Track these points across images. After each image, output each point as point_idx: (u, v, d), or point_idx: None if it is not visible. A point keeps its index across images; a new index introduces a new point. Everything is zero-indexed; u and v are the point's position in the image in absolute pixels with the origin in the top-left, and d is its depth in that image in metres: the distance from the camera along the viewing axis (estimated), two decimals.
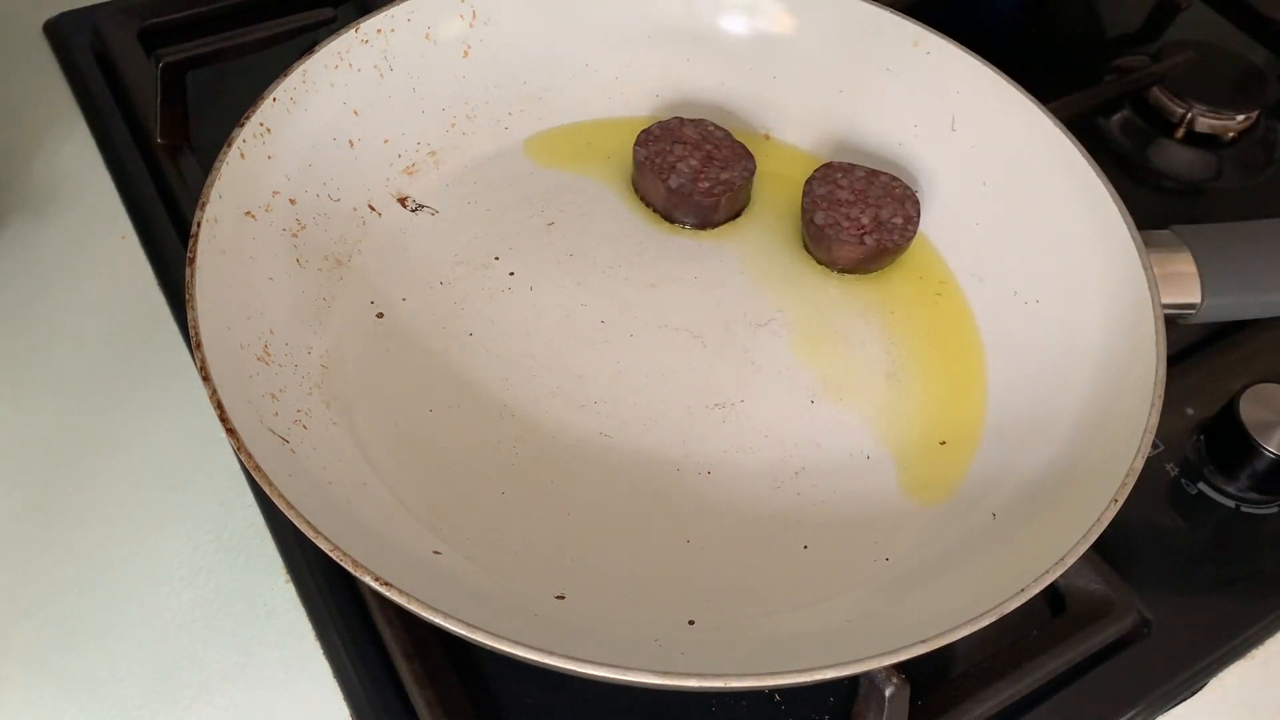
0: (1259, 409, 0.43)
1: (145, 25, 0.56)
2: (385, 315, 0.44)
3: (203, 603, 0.38)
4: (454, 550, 0.37)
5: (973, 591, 0.32)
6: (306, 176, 0.44)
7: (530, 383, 0.42)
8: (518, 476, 0.40)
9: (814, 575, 0.38)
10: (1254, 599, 0.42)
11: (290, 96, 0.43)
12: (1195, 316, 0.43)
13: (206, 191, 0.39)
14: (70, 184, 0.50)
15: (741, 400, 0.43)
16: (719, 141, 0.48)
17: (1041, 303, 0.44)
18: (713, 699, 0.37)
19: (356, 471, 0.38)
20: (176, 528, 0.39)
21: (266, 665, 0.37)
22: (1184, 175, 0.58)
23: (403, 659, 0.35)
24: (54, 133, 0.52)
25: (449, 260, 0.46)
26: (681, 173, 0.47)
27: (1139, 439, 0.35)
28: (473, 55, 0.50)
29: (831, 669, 0.29)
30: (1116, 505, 0.33)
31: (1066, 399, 0.40)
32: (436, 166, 0.49)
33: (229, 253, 0.39)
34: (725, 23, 0.52)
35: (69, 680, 0.36)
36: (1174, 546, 0.43)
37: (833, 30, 0.51)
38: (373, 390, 0.41)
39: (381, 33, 0.46)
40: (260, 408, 0.36)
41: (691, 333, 0.45)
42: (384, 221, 0.47)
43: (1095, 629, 0.39)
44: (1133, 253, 0.41)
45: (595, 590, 0.37)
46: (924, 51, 0.49)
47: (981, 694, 0.37)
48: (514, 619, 0.34)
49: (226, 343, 0.37)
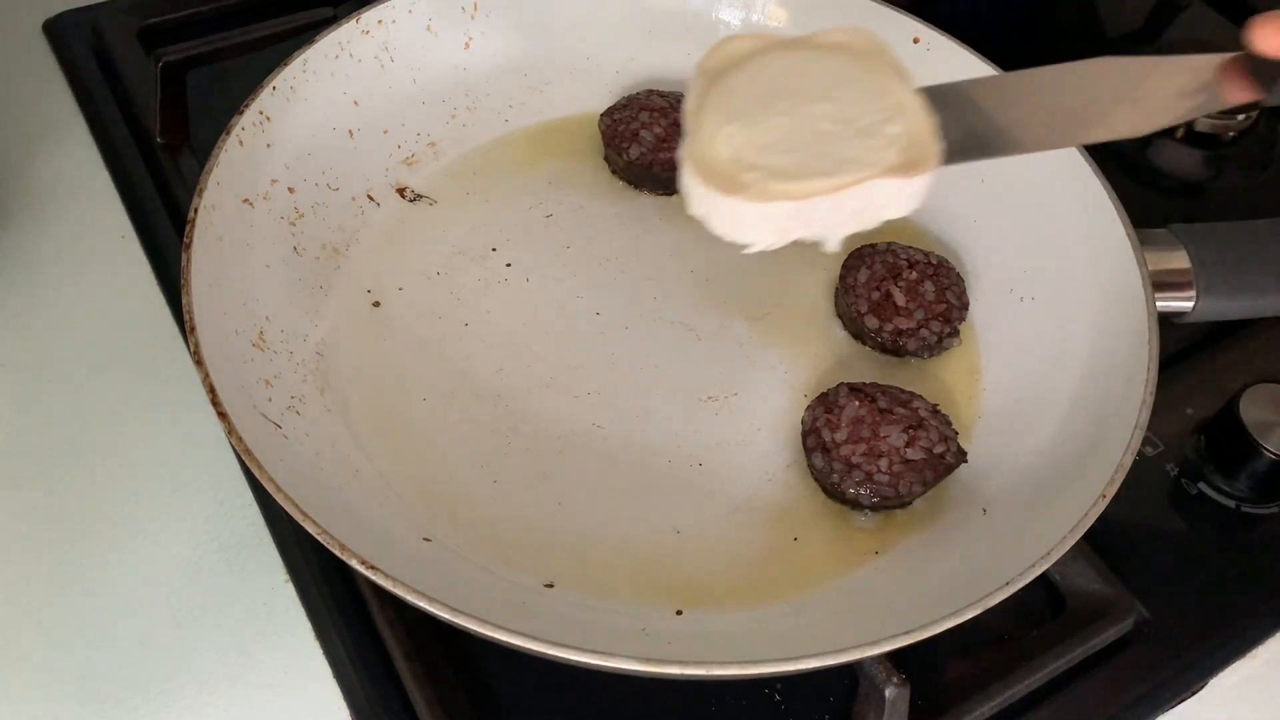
0: (1259, 409, 0.43)
1: (145, 25, 0.56)
2: (382, 304, 0.44)
3: (203, 603, 0.38)
4: (444, 537, 0.37)
5: (961, 584, 0.32)
6: (305, 165, 0.44)
7: (524, 373, 0.42)
8: (510, 466, 0.40)
9: (803, 567, 0.38)
10: (1254, 599, 0.41)
11: (290, 86, 0.43)
12: (1191, 315, 0.43)
13: (204, 178, 0.39)
14: (70, 184, 0.50)
15: (734, 393, 0.43)
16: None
17: (1037, 299, 0.44)
18: (712, 699, 0.37)
19: (349, 458, 0.38)
20: (176, 528, 0.40)
21: (266, 665, 0.37)
22: (1184, 175, 0.58)
23: (402, 659, 0.35)
24: (54, 133, 0.52)
25: (446, 251, 0.46)
26: (643, 141, 0.47)
27: (1129, 435, 0.35)
28: (473, 47, 0.50)
29: (816, 658, 0.29)
30: (1105, 500, 0.33)
31: (1059, 395, 0.40)
32: (436, 157, 0.49)
33: (226, 239, 0.39)
34: (725, 17, 0.52)
35: (69, 680, 0.36)
36: (1174, 546, 0.43)
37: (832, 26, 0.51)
38: (367, 378, 0.41)
39: (383, 24, 0.47)
40: (253, 393, 0.36)
41: (686, 326, 0.45)
42: (382, 211, 0.47)
43: (1095, 629, 0.38)
44: (1128, 250, 0.40)
45: (584, 579, 0.37)
46: (924, 48, 0.49)
47: (981, 694, 0.37)
48: (502, 606, 0.34)
49: (221, 328, 0.37)
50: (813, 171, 0.28)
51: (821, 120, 0.29)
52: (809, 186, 0.28)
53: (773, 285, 0.46)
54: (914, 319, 0.43)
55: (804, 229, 0.30)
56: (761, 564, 0.38)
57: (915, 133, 0.29)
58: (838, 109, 0.29)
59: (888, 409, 0.39)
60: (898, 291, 0.43)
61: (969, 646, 0.38)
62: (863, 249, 0.45)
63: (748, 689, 0.37)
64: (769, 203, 0.28)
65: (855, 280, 0.44)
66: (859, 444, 0.38)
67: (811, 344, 0.45)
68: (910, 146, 0.28)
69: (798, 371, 0.44)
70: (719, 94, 0.30)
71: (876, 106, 0.29)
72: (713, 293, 0.46)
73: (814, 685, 0.37)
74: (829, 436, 0.39)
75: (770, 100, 0.29)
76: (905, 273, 0.44)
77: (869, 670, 0.34)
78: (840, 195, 0.28)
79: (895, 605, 0.34)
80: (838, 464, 0.38)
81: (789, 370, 0.44)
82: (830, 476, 0.38)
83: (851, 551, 0.38)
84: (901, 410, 0.39)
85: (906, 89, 0.30)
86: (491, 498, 0.39)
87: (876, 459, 0.38)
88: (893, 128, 0.28)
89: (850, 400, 0.39)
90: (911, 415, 0.39)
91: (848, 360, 0.44)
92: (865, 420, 0.39)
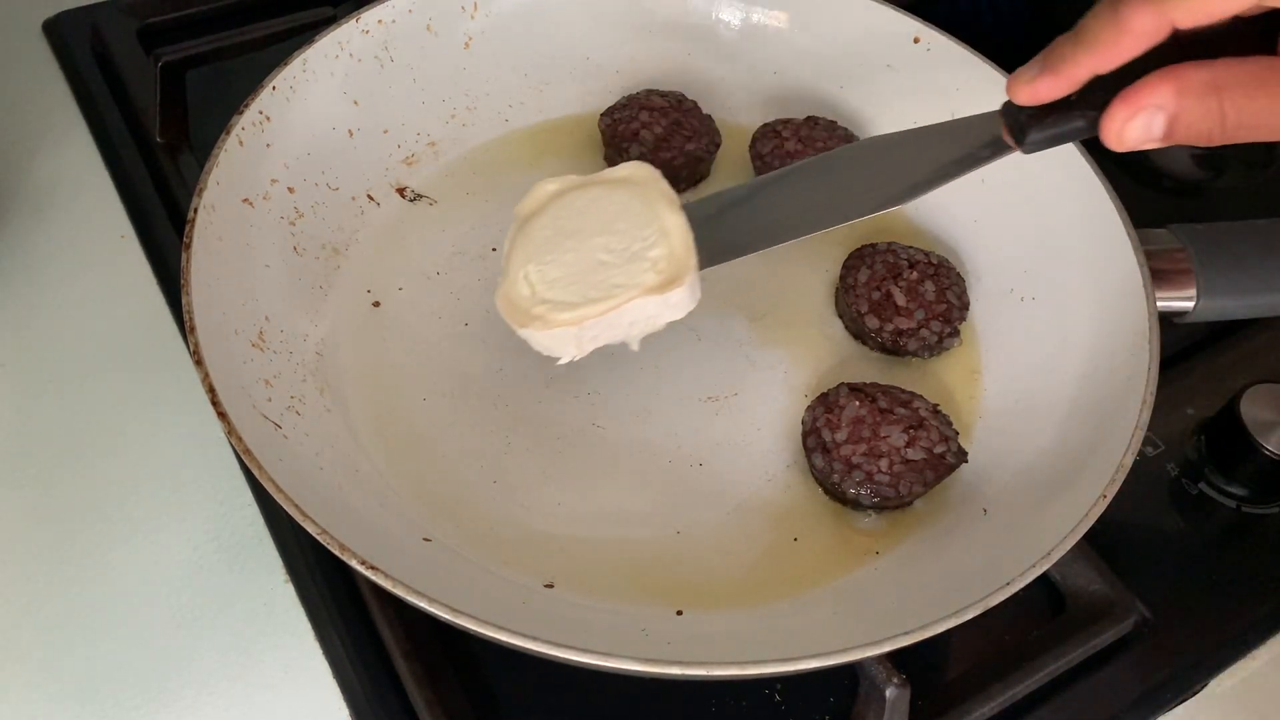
0: (1259, 409, 0.43)
1: (144, 24, 0.56)
2: (381, 304, 0.44)
3: (203, 603, 0.38)
4: (444, 537, 0.37)
5: (961, 584, 0.32)
6: (305, 165, 0.44)
7: (524, 373, 0.42)
8: (510, 466, 0.40)
9: (803, 567, 0.38)
10: (1254, 599, 0.41)
11: (290, 85, 0.43)
12: (1192, 315, 0.43)
13: (204, 178, 0.39)
14: (70, 183, 0.50)
15: (735, 393, 0.43)
16: (688, 110, 0.49)
17: (1037, 299, 0.44)
18: (712, 699, 0.37)
19: (348, 458, 0.38)
20: (176, 528, 0.40)
21: (266, 665, 0.37)
22: (1184, 175, 0.58)
23: (402, 659, 0.35)
24: (54, 132, 0.52)
25: (446, 251, 0.46)
26: (643, 141, 0.47)
27: (1130, 435, 0.35)
28: (474, 47, 0.50)
29: (816, 658, 0.29)
30: (1105, 501, 0.33)
31: (1059, 395, 0.40)
32: (436, 157, 0.49)
33: (226, 239, 0.39)
34: (725, 17, 0.52)
35: (69, 680, 0.36)
36: (1174, 546, 0.43)
37: (833, 26, 0.51)
38: (367, 378, 0.41)
39: (383, 23, 0.47)
40: (253, 393, 0.36)
41: (686, 326, 0.44)
42: (382, 211, 0.47)
43: (1095, 629, 0.39)
44: (1128, 250, 0.40)
45: (584, 580, 0.37)
46: (924, 48, 0.49)
47: (981, 694, 0.37)
48: (502, 606, 0.34)
49: (221, 328, 0.37)
50: (587, 299, 0.35)
51: (600, 251, 0.35)
52: (583, 313, 0.35)
53: (773, 285, 0.46)
54: (914, 319, 0.43)
55: (594, 342, 0.36)
56: (761, 564, 0.38)
57: (674, 253, 0.35)
58: (614, 240, 0.35)
59: (888, 409, 0.39)
60: (898, 291, 0.43)
61: (969, 646, 0.38)
62: (863, 249, 0.45)
63: (748, 689, 0.37)
64: (553, 330, 0.35)
65: (855, 280, 0.44)
66: (859, 444, 0.38)
67: (812, 344, 0.45)
68: (668, 267, 0.35)
69: (798, 371, 0.44)
70: (524, 238, 0.36)
71: (645, 234, 0.35)
72: (713, 293, 0.46)
73: (814, 685, 0.37)
74: (829, 436, 0.39)
75: (561, 239, 0.36)
76: (905, 273, 0.44)
77: (869, 670, 0.34)
78: (610, 315, 0.35)
79: (895, 605, 0.34)
80: (838, 464, 0.38)
81: (789, 370, 0.44)
82: (830, 476, 0.38)
83: (851, 551, 0.38)
84: (902, 410, 0.39)
85: (672, 212, 0.36)
86: (491, 498, 0.39)
87: (877, 459, 0.38)
88: (655, 251, 0.35)
89: (850, 400, 0.39)
90: (912, 415, 0.39)
91: (848, 360, 0.44)
92: (865, 420, 0.39)
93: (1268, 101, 0.28)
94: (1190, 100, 0.28)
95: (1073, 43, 0.30)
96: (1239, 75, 0.28)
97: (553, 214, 0.36)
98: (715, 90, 0.52)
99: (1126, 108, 0.29)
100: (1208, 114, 0.28)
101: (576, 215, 0.36)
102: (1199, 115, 0.28)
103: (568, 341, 0.36)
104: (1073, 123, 0.31)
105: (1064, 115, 0.31)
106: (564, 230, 0.36)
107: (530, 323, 0.35)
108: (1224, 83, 0.28)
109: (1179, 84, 0.28)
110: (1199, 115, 0.28)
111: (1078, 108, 0.31)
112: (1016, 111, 0.32)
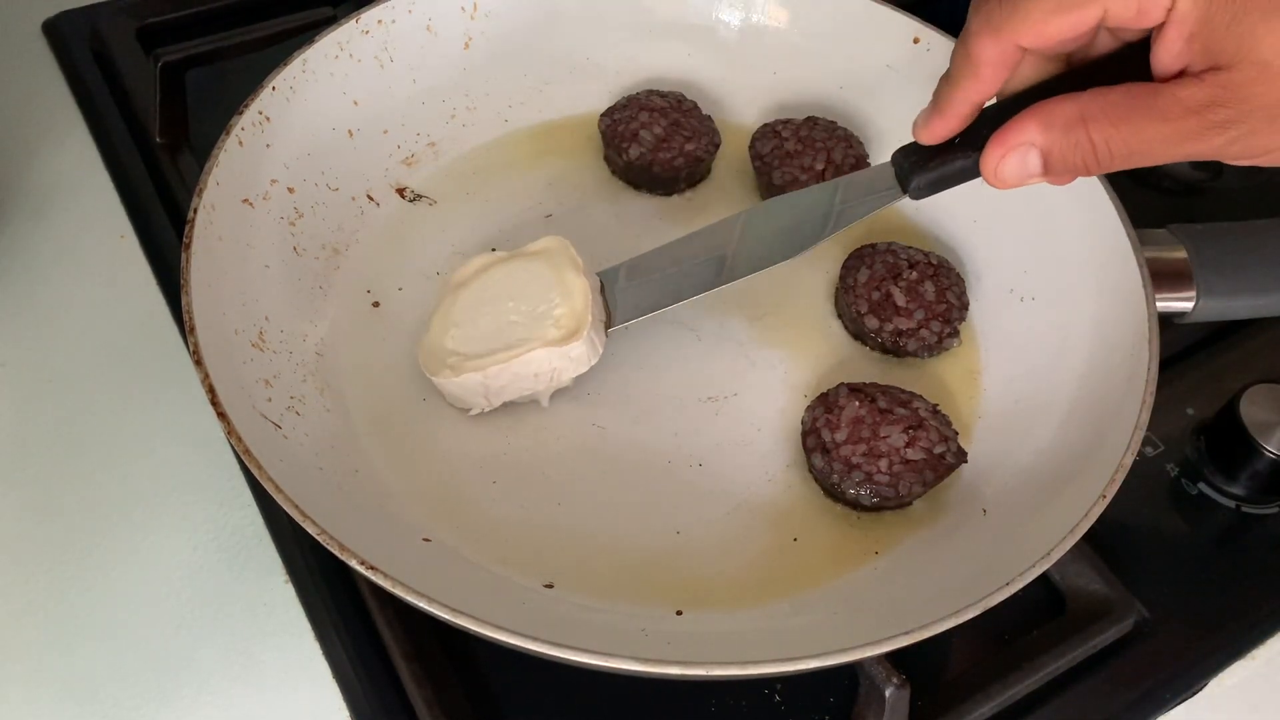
0: (1259, 409, 0.43)
1: (144, 25, 0.56)
2: (381, 304, 0.44)
3: (203, 603, 0.38)
4: (444, 537, 0.37)
5: (961, 585, 0.32)
6: (305, 165, 0.44)
7: None
8: (509, 466, 0.40)
9: (803, 567, 0.38)
10: (1254, 599, 0.41)
11: (290, 86, 0.43)
12: (1191, 315, 0.43)
13: (204, 178, 0.39)
14: (70, 184, 0.50)
15: (735, 393, 0.43)
16: (688, 111, 0.49)
17: (1037, 300, 0.44)
18: (712, 699, 0.37)
19: (348, 458, 0.38)
20: (176, 528, 0.40)
21: (266, 665, 0.37)
22: (1184, 175, 0.58)
23: (402, 659, 0.36)
24: (53, 132, 0.52)
25: (446, 251, 0.46)
26: (643, 141, 0.47)
27: (1129, 435, 0.35)
28: (473, 47, 0.50)
29: (816, 658, 0.29)
30: (1105, 501, 0.33)
31: (1059, 395, 0.40)
32: (436, 157, 0.49)
33: (226, 239, 0.39)
34: (725, 17, 0.52)
35: (69, 680, 0.36)
36: (1174, 546, 0.43)
37: (832, 26, 0.51)
38: (367, 378, 0.41)
39: (383, 24, 0.47)
40: (253, 393, 0.36)
41: (686, 326, 0.45)
42: (382, 211, 0.47)
43: (1095, 629, 0.39)
44: (1128, 250, 0.40)
45: (584, 580, 0.37)
46: (924, 48, 0.49)
47: (981, 694, 0.37)
48: (501, 606, 0.34)
49: (221, 328, 0.37)
50: (493, 351, 0.39)
51: (511, 314, 0.40)
52: (488, 361, 0.39)
53: (773, 285, 0.46)
54: (914, 319, 0.43)
55: (501, 395, 0.40)
56: (761, 564, 0.38)
57: (574, 311, 0.39)
58: (523, 303, 0.40)
59: (888, 409, 0.39)
60: (898, 291, 0.43)
61: (969, 646, 0.38)
62: (863, 249, 0.45)
63: (748, 689, 0.37)
64: (461, 376, 0.39)
65: (855, 280, 0.44)
66: (859, 444, 0.38)
67: (811, 344, 0.45)
68: (569, 323, 0.39)
69: (798, 371, 0.44)
70: (451, 303, 0.41)
71: (551, 296, 0.40)
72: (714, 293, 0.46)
73: (814, 685, 0.37)
74: (829, 437, 0.39)
75: (481, 305, 0.40)
76: (905, 273, 0.44)
77: (869, 670, 0.34)
78: (512, 364, 0.38)
79: (895, 605, 0.34)
80: (838, 464, 0.38)
81: (789, 370, 0.44)
82: (830, 477, 0.38)
83: (851, 551, 0.38)
84: (901, 410, 0.39)
85: (577, 275, 0.40)
86: (491, 498, 0.39)
87: (876, 459, 0.38)
88: (559, 310, 0.39)
89: (850, 400, 0.39)
90: (911, 415, 0.39)
91: (848, 360, 0.44)
92: (865, 420, 0.39)
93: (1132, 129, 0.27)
94: (1056, 134, 0.28)
95: (945, 80, 0.31)
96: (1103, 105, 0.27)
97: (477, 286, 0.41)
98: (715, 90, 0.52)
99: (999, 147, 0.29)
100: (1077, 146, 0.28)
101: (494, 285, 0.41)
102: (1068, 148, 0.28)
103: (476, 391, 0.39)
104: (955, 164, 0.32)
105: (946, 158, 0.32)
106: (483, 299, 0.40)
107: (441, 370, 0.39)
108: (1090, 114, 0.28)
109: (1044, 119, 0.28)
110: (1068, 148, 0.28)
111: (960, 150, 0.32)
112: (902, 159, 0.33)
